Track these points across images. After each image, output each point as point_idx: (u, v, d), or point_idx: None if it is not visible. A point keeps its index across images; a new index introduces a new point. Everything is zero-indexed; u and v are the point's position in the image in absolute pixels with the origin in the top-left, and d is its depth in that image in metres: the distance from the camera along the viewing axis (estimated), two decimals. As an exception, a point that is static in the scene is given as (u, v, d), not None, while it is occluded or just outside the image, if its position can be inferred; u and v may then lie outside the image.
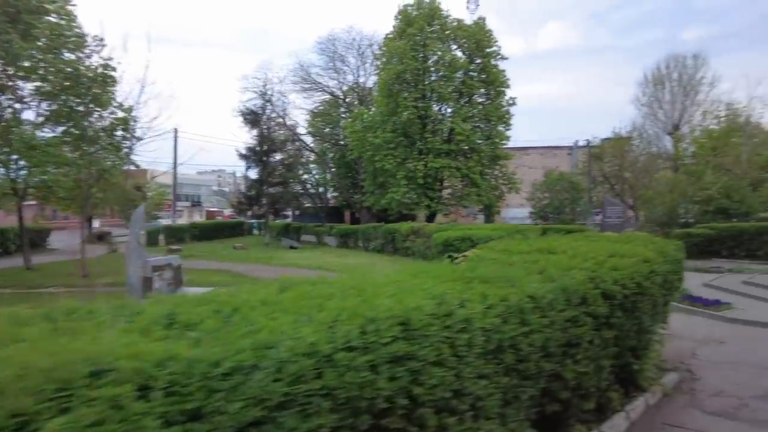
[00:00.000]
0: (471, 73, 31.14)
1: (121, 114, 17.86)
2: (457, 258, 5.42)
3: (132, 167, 21.04)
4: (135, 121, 18.14)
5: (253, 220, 38.65)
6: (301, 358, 1.82)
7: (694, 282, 12.55)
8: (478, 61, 31.34)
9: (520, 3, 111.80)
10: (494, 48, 31.66)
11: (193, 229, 34.47)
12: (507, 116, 31.94)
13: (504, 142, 31.97)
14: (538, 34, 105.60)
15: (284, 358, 1.78)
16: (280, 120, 34.87)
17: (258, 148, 30.93)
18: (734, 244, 19.38)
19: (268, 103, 32.97)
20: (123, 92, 17.81)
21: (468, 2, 44.44)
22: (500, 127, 31.79)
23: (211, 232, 35.40)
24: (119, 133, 17.94)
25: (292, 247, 27.16)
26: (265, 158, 31.05)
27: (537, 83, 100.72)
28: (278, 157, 33.03)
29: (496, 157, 31.06)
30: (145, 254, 10.77)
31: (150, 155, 60.05)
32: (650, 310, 4.53)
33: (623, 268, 4.04)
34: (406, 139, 29.46)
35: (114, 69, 16.78)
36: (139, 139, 18.66)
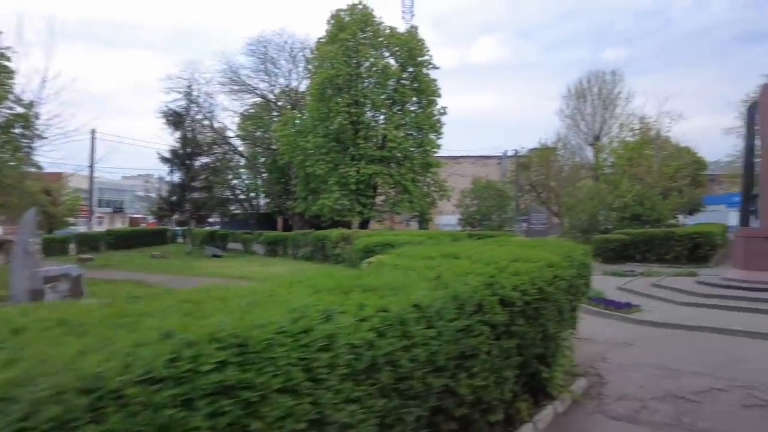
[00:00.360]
0: (403, 81, 31.35)
1: (20, 110, 16.25)
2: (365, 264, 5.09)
3: (33, 169, 19.20)
4: (37, 118, 16.57)
5: (177, 228, 36.68)
6: (73, 397, 1.37)
7: (609, 285, 13.01)
8: (411, 69, 31.62)
9: (455, 16, 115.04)
10: (426, 57, 32.10)
11: (109, 237, 32.09)
12: (438, 125, 32.42)
13: (435, 150, 32.40)
14: (472, 48, 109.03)
15: (42, 398, 1.33)
16: (206, 122, 33.43)
17: (181, 151, 29.36)
18: (646, 249, 20.49)
19: (193, 104, 31.47)
20: (28, 87, 16.22)
21: (403, 12, 45.04)
22: (432, 136, 32.21)
23: (130, 239, 33.12)
24: (17, 130, 16.32)
25: (215, 256, 25.88)
26: (188, 161, 29.52)
27: (471, 94, 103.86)
28: (204, 160, 31.54)
29: (427, 164, 31.36)
30: (34, 264, 9.69)
31: (67, 158, 55.73)
32: (556, 317, 4.39)
33: (525, 273, 3.84)
34: (339, 144, 29.10)
35: (8, 59, 15.19)
36: (41, 137, 17.05)
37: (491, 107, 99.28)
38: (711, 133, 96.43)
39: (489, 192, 28.41)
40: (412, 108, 31.91)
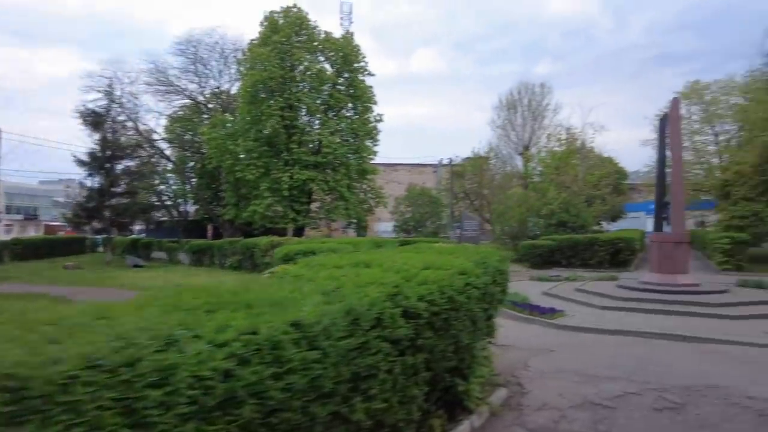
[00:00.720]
0: (339, 87, 31.03)
1: None
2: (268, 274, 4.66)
3: None
4: None
5: (98, 236, 34.16)
6: None
7: (535, 290, 13.25)
8: (346, 75, 31.36)
9: (395, 28, 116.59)
10: (362, 63, 31.95)
11: (16, 246, 29.32)
12: (375, 132, 32.32)
13: (371, 156, 32.25)
14: (411, 59, 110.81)
15: None
16: (130, 123, 31.49)
17: (100, 154, 27.37)
18: (571, 254, 21.25)
19: (115, 104, 29.51)
20: None
21: (341, 19, 44.78)
22: (368, 142, 32.06)
23: (42, 249, 30.45)
24: None
25: (136, 266, 24.22)
26: (108, 165, 27.56)
27: (409, 104, 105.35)
28: (127, 164, 29.61)
29: (363, 171, 31.13)
30: None
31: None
32: (469, 327, 4.15)
33: (433, 282, 3.57)
34: (271, 149, 28.28)
35: None
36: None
37: (429, 117, 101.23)
38: (630, 144, 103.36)
39: (423, 199, 28.55)
40: (348, 114, 31.65)
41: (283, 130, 27.91)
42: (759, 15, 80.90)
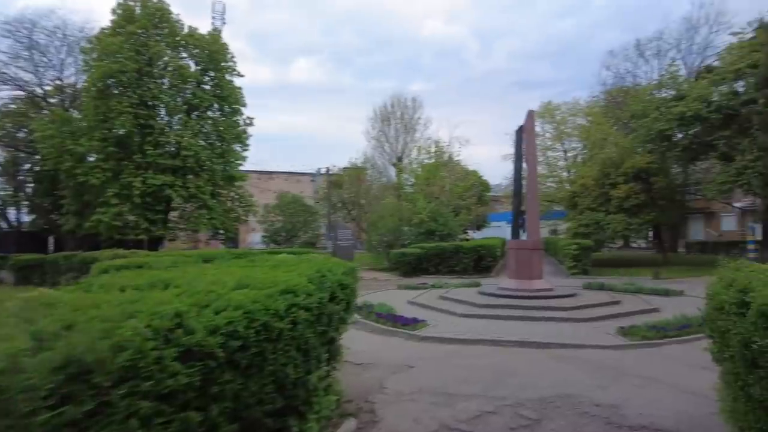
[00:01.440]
0: (204, 86, 28.84)
1: None
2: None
3: None
4: None
5: None
6: None
7: (401, 299, 12.94)
8: (212, 74, 29.27)
9: (275, 36, 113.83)
10: (230, 63, 30.11)
11: None
12: (244, 136, 30.59)
13: (240, 162, 30.44)
14: (291, 68, 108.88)
15: None
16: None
17: None
18: (439, 262, 21.68)
19: None
20: None
21: (213, 18, 42.02)
22: (237, 147, 30.24)
23: None
24: None
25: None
26: None
27: (289, 113, 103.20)
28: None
29: (231, 177, 29.18)
30: None
31: None
32: (297, 358, 3.35)
33: (239, 306, 2.71)
34: (122, 150, 25.20)
35: None
36: None
37: (309, 126, 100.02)
38: (494, 160, 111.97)
39: (295, 207, 27.35)
40: (214, 115, 29.50)
41: (136, 129, 25.02)
42: (599, 52, 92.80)
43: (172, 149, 26.30)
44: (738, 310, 2.92)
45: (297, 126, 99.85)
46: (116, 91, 25.41)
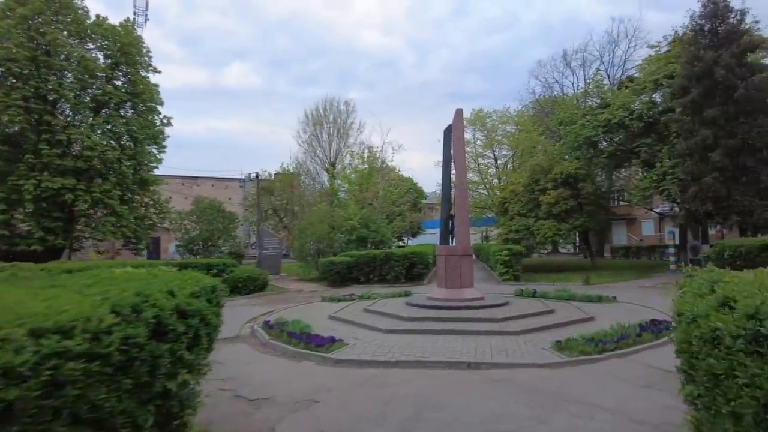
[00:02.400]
0: (115, 82, 26.21)
1: None
2: None
3: None
4: None
5: None
6: None
7: (324, 314, 11.67)
8: (124, 68, 26.68)
9: (207, 38, 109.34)
10: (145, 58, 27.62)
11: None
12: (160, 137, 28.11)
13: (154, 165, 27.93)
14: (225, 72, 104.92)
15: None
16: None
17: None
18: (369, 270, 20.55)
19: None
20: None
21: (135, 14, 38.95)
22: (152, 149, 27.75)
23: None
24: None
25: None
26: None
27: (221, 118, 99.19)
28: None
29: (143, 181, 26.62)
30: None
31: None
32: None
33: None
34: (12, 149, 22.22)
35: None
36: None
37: (243, 132, 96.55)
38: (429, 168, 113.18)
39: (213, 214, 25.12)
40: (126, 114, 26.85)
41: (30, 126, 22.14)
42: (526, 68, 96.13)
43: (74, 149, 23.54)
44: (754, 348, 1.93)
45: (230, 132, 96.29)
46: (7, 83, 22.43)
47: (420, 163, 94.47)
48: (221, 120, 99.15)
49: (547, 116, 37.13)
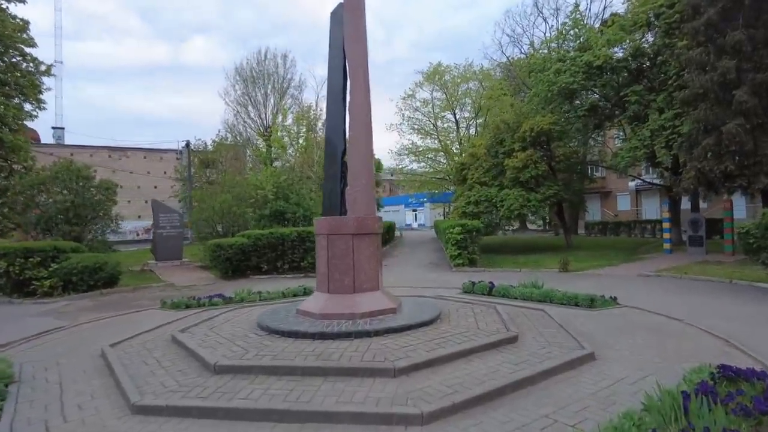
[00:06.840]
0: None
1: None
2: None
3: None
4: None
5: None
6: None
7: (95, 349, 6.36)
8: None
9: (167, 11, 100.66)
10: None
11: None
12: (34, 89, 21.86)
13: (21, 121, 21.69)
14: (186, 46, 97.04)
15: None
16: None
17: None
18: (276, 256, 15.19)
19: None
20: None
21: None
22: (23, 102, 21.59)
23: None
24: None
25: None
26: None
27: (182, 93, 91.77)
28: None
29: (13, 147, 20.34)
30: None
31: None
32: None
33: None
34: None
35: None
36: None
37: (205, 110, 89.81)
38: (391, 145, 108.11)
39: (69, 176, 17.73)
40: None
41: None
42: (495, 46, 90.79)
43: None
44: None
45: (190, 108, 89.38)
46: None
47: (387, 144, 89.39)
48: (183, 96, 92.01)
49: (515, 80, 31.95)
